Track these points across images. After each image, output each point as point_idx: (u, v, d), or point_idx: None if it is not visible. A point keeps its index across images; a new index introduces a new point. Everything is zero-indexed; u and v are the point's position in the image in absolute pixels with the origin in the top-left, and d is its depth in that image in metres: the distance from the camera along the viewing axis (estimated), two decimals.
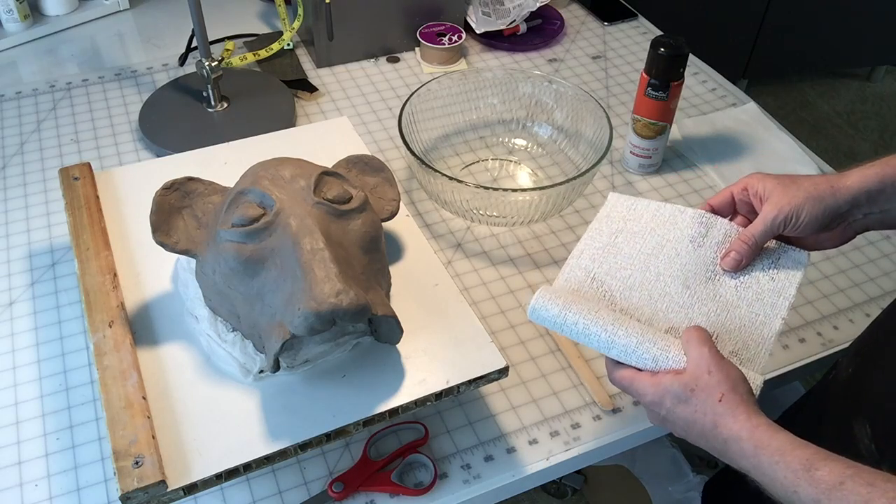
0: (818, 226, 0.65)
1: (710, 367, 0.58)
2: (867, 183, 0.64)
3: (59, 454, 0.69)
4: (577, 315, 0.62)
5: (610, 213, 0.71)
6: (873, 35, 2.36)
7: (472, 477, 0.70)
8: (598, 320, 0.62)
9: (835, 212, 0.64)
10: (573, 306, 0.62)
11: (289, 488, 0.68)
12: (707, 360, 0.58)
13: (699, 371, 0.58)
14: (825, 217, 0.64)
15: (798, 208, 0.64)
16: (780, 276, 0.66)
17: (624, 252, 0.68)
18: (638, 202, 0.71)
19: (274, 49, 1.15)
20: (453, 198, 0.89)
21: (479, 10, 1.24)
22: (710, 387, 0.57)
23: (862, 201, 0.64)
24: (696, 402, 0.57)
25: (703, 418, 0.57)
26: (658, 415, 0.61)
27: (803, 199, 0.64)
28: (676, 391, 0.58)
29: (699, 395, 0.57)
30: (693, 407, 0.58)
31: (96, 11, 1.28)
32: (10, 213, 0.93)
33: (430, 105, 1.00)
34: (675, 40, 0.94)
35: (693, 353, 0.60)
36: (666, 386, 0.59)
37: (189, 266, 0.71)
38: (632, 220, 0.70)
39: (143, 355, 0.66)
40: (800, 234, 0.66)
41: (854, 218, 0.66)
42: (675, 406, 0.59)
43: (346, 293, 0.58)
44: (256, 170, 0.68)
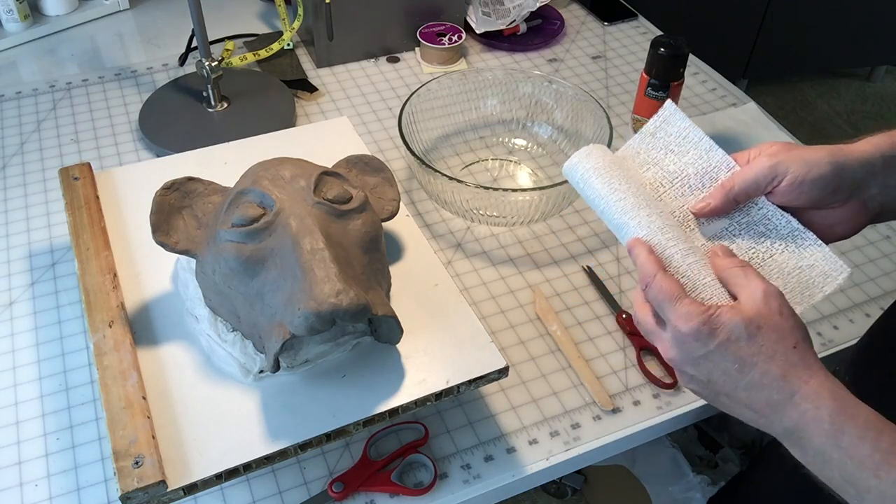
0: (824, 189, 0.55)
1: (781, 309, 0.50)
2: (881, 146, 0.56)
3: (59, 454, 0.69)
4: (619, 172, 0.59)
5: (657, 131, 0.64)
6: (873, 35, 2.36)
7: (472, 477, 0.70)
8: (638, 190, 0.58)
9: (846, 175, 0.55)
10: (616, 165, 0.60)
11: (289, 488, 0.68)
12: (777, 299, 0.50)
13: (768, 309, 0.49)
14: (834, 179, 0.55)
15: (799, 160, 0.55)
16: (802, 283, 0.58)
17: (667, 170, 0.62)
18: (689, 128, 0.63)
19: (274, 49, 1.15)
20: (453, 198, 0.89)
21: (479, 10, 1.24)
22: (784, 329, 0.49)
23: (878, 168, 0.56)
24: (763, 342, 0.49)
25: (766, 363, 0.49)
26: (691, 353, 0.51)
27: (808, 153, 0.56)
28: (736, 324, 0.49)
29: (768, 335, 0.49)
30: (757, 347, 0.49)
31: (96, 11, 1.28)
32: (10, 213, 0.93)
33: (430, 105, 1.00)
34: (675, 40, 0.94)
35: (756, 287, 0.51)
36: (723, 317, 0.49)
37: (189, 266, 0.71)
38: (672, 147, 0.63)
39: (143, 355, 0.66)
40: (802, 201, 0.57)
41: (869, 192, 0.56)
42: (727, 343, 0.49)
43: (346, 293, 0.58)
44: (256, 170, 0.68)
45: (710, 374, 0.51)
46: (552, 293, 0.86)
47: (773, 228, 0.59)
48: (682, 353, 0.52)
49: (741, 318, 0.49)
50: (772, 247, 0.59)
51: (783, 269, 0.58)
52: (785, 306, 0.51)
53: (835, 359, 0.82)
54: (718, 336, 0.50)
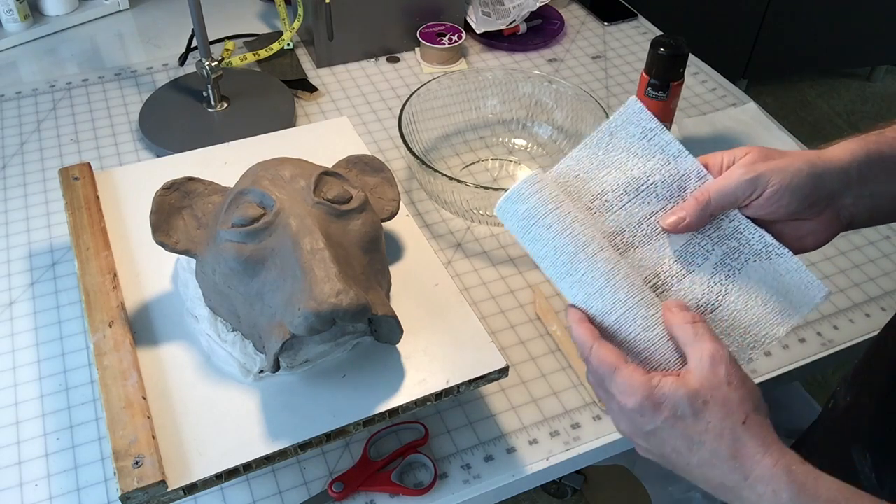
0: (803, 201, 0.53)
1: (729, 377, 0.46)
2: (856, 154, 0.53)
3: (59, 454, 0.69)
4: (558, 214, 0.52)
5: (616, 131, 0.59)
6: (873, 35, 2.36)
7: (472, 477, 0.70)
8: (583, 231, 0.52)
9: (824, 187, 0.53)
10: (556, 202, 0.53)
11: (289, 488, 0.68)
12: (725, 365, 0.47)
13: (716, 378, 0.46)
14: (812, 191, 0.52)
15: (779, 171, 0.52)
16: (780, 304, 0.55)
17: (603, 196, 0.57)
18: (656, 130, 0.58)
19: (274, 49, 1.15)
20: (453, 198, 0.89)
21: (479, 10, 1.24)
22: (731, 403, 0.46)
23: (853, 179, 0.53)
24: (710, 419, 0.46)
25: (715, 442, 0.46)
26: (640, 428, 0.48)
27: (787, 163, 0.52)
28: (680, 399, 0.46)
29: (714, 410, 0.46)
30: (704, 424, 0.46)
31: (96, 11, 1.28)
32: (10, 213, 0.93)
33: (430, 105, 1.00)
34: (675, 40, 0.94)
35: (704, 350, 0.47)
36: (666, 391, 0.46)
37: (189, 266, 0.71)
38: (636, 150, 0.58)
39: (143, 355, 0.66)
40: (779, 215, 0.54)
41: (843, 201, 0.54)
42: (673, 419, 0.46)
43: (346, 293, 0.58)
44: (256, 170, 0.68)
45: (661, 448, 0.48)
46: (552, 293, 0.86)
47: (746, 243, 0.55)
48: (630, 426, 0.49)
49: (685, 392, 0.46)
50: (746, 264, 0.55)
51: (759, 289, 0.55)
52: (734, 373, 0.47)
53: (833, 360, 0.82)
54: (663, 412, 0.47)
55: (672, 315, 0.51)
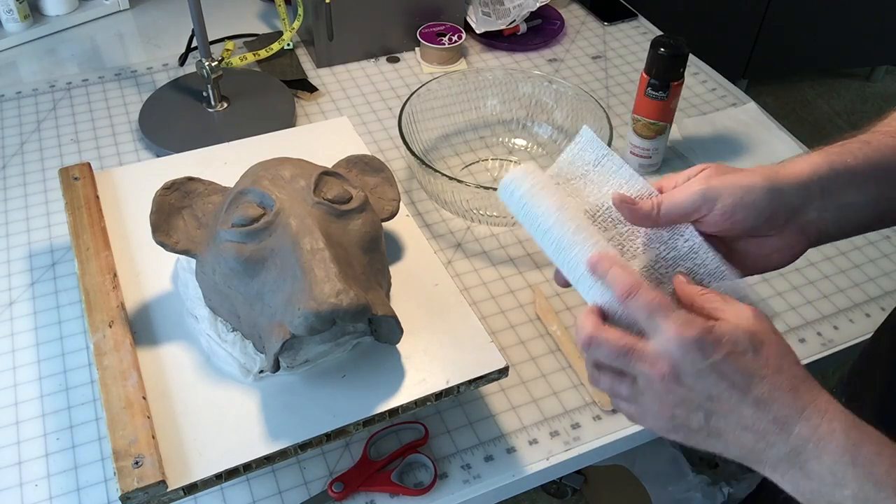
0: (759, 217, 0.52)
1: (773, 328, 0.47)
2: (818, 169, 0.52)
3: (59, 454, 0.69)
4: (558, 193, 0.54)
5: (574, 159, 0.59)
6: (873, 35, 2.36)
7: (472, 477, 0.70)
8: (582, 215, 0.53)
9: (783, 202, 0.52)
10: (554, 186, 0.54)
11: (289, 488, 0.68)
12: (768, 320, 0.47)
13: (763, 325, 0.47)
14: (769, 206, 0.51)
15: (732, 186, 0.51)
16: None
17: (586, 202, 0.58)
18: (607, 156, 0.58)
19: (274, 49, 1.15)
20: (453, 198, 0.89)
21: (479, 10, 1.24)
22: (784, 346, 0.46)
23: (815, 193, 0.52)
24: (769, 355, 0.46)
25: (775, 376, 0.46)
26: (694, 366, 0.46)
27: (741, 178, 0.52)
28: (741, 336, 0.46)
29: (772, 349, 0.46)
30: (763, 360, 0.46)
31: (96, 11, 1.28)
32: (10, 213, 0.93)
33: (430, 105, 1.00)
34: (675, 40, 0.94)
35: (743, 307, 0.48)
36: (725, 327, 0.46)
37: (189, 266, 0.71)
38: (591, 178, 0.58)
39: (143, 355, 0.66)
40: (737, 230, 0.53)
41: (807, 217, 0.53)
42: (733, 354, 0.46)
43: (346, 293, 0.58)
44: (256, 170, 0.68)
45: (713, 389, 0.46)
46: (552, 293, 0.86)
47: (702, 263, 0.54)
48: (681, 365, 0.46)
49: (744, 330, 0.46)
50: (701, 284, 0.54)
51: None
52: (773, 327, 0.48)
53: (833, 360, 0.82)
54: (724, 346, 0.46)
55: (690, 288, 0.50)
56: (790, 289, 0.88)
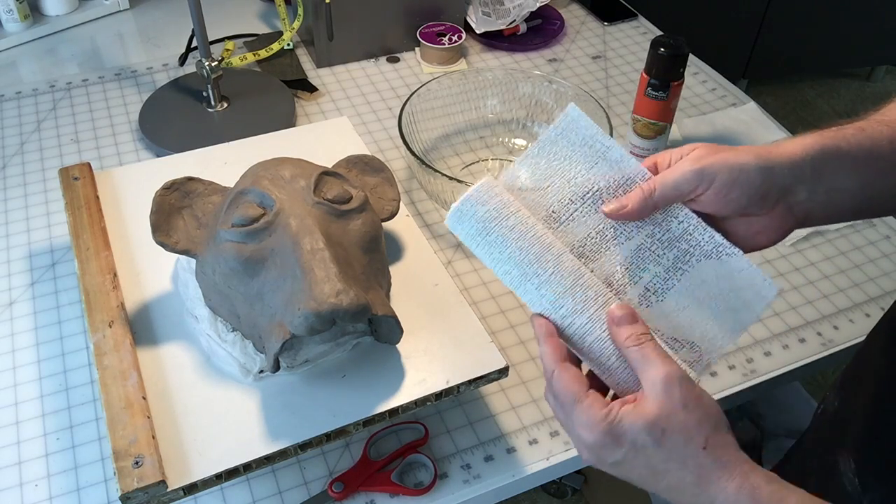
0: (753, 196, 0.51)
1: (684, 400, 0.46)
2: (809, 149, 0.52)
3: (59, 454, 0.69)
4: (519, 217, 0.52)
5: (558, 139, 0.57)
6: (873, 35, 2.36)
7: (472, 477, 0.70)
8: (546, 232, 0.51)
9: (775, 181, 0.51)
10: (514, 206, 0.52)
11: (289, 488, 0.68)
12: (679, 387, 0.46)
13: (671, 403, 0.46)
14: (762, 185, 0.51)
15: (726, 164, 0.50)
16: (732, 306, 0.54)
17: (549, 208, 0.56)
18: (597, 136, 0.56)
19: (274, 49, 1.15)
20: (453, 198, 0.89)
21: (479, 10, 1.24)
22: (689, 429, 0.45)
23: (806, 174, 0.51)
24: (671, 446, 0.46)
25: (679, 471, 0.46)
26: (603, 459, 0.48)
27: (735, 156, 0.51)
28: (640, 430, 0.46)
29: (674, 438, 0.45)
30: (665, 453, 0.46)
31: (96, 11, 1.28)
32: (10, 213, 0.93)
33: (430, 105, 1.00)
34: (675, 40, 0.94)
35: (655, 374, 0.46)
36: (625, 424, 0.46)
37: (189, 266, 0.71)
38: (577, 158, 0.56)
39: (143, 355, 0.66)
40: (729, 210, 0.52)
41: (796, 197, 0.52)
42: (635, 451, 0.46)
43: (346, 293, 0.58)
44: (256, 170, 0.68)
45: (629, 476, 0.48)
46: None
47: (696, 244, 0.54)
48: (594, 458, 0.49)
49: (643, 423, 0.46)
50: (697, 266, 0.54)
51: (711, 291, 0.54)
52: (688, 394, 0.46)
53: (833, 360, 0.82)
54: (624, 444, 0.47)
55: (619, 333, 0.49)
56: (790, 289, 0.88)
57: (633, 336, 0.49)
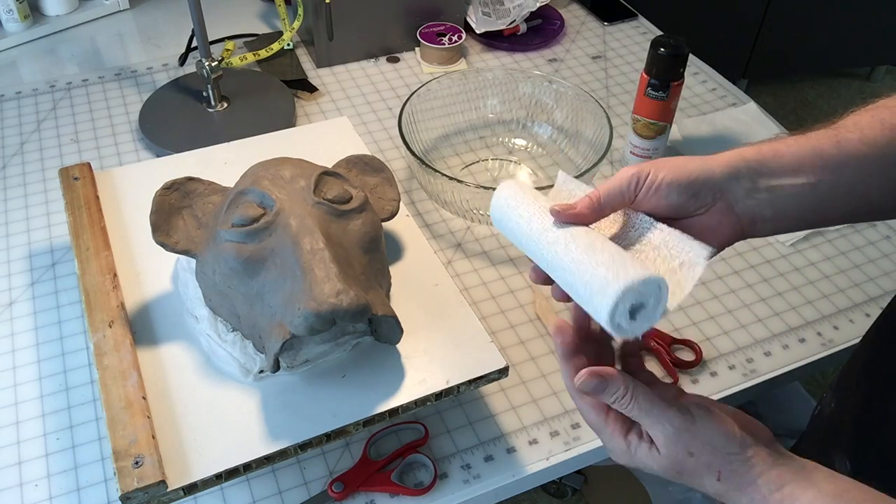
0: (683, 192, 0.52)
1: (689, 449, 0.49)
2: (744, 153, 0.54)
3: (59, 454, 0.69)
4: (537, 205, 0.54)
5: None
6: (873, 35, 2.36)
7: (472, 477, 0.70)
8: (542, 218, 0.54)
9: (704, 177, 0.52)
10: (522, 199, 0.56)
11: (289, 488, 0.68)
12: (680, 443, 0.50)
13: (678, 456, 0.50)
14: (691, 182, 0.52)
15: (657, 166, 0.53)
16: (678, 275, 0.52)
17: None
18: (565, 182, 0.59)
19: (274, 49, 1.15)
20: (453, 198, 0.89)
21: (479, 10, 1.24)
22: (701, 468, 0.49)
23: (742, 171, 0.53)
24: (689, 480, 0.51)
25: (701, 489, 0.51)
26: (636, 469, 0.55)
27: (669, 160, 0.53)
28: (657, 471, 0.51)
29: (690, 476, 0.50)
30: (687, 482, 0.51)
31: (96, 11, 1.28)
32: (10, 213, 0.93)
33: (430, 105, 1.00)
34: (675, 40, 0.94)
35: (656, 433, 0.50)
36: (644, 462, 0.52)
37: (189, 266, 0.71)
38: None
39: (143, 355, 0.66)
40: (664, 207, 0.53)
41: (735, 195, 0.53)
42: (659, 473, 0.52)
43: (346, 293, 0.58)
44: (256, 170, 0.68)
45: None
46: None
47: (644, 235, 0.54)
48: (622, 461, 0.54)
49: (658, 467, 0.51)
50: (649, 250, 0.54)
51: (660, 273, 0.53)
52: (693, 442, 0.49)
53: (833, 360, 0.82)
54: (646, 470, 0.52)
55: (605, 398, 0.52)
56: (790, 289, 0.88)
57: (621, 400, 0.51)
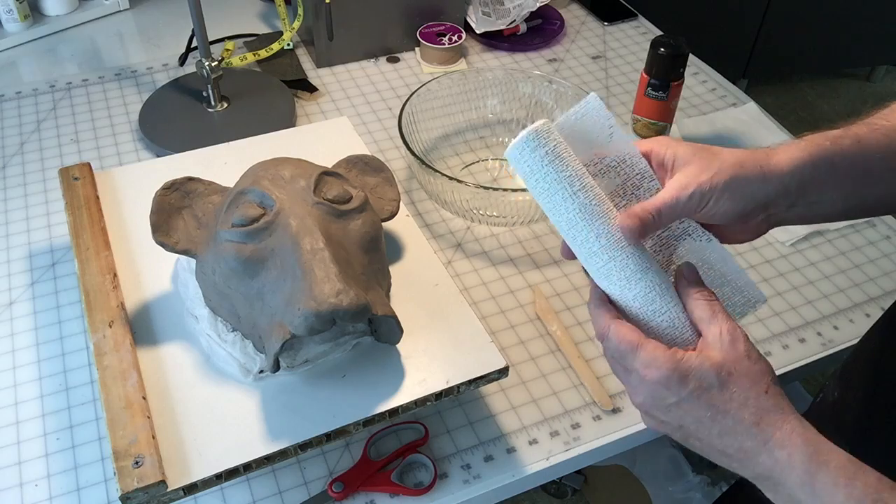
0: (738, 215, 0.53)
1: (748, 353, 0.48)
2: (798, 166, 0.53)
3: (59, 454, 0.69)
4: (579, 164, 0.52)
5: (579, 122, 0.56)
6: (873, 35, 2.36)
7: (472, 477, 0.70)
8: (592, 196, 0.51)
9: (760, 200, 0.53)
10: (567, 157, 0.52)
11: (289, 488, 0.68)
12: (744, 342, 0.49)
13: (736, 353, 0.48)
14: (748, 205, 0.53)
15: (719, 188, 0.52)
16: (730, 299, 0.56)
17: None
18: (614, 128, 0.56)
19: (274, 49, 1.15)
20: (453, 198, 0.89)
21: (479, 10, 1.24)
22: (754, 374, 0.48)
23: (791, 190, 0.53)
24: (735, 388, 0.47)
25: (739, 411, 0.48)
26: (662, 401, 0.49)
27: (727, 179, 0.52)
28: (707, 371, 0.48)
29: (739, 381, 0.48)
30: (729, 394, 0.48)
31: (96, 11, 1.28)
32: (10, 213, 0.93)
33: (430, 105, 1.00)
34: (675, 40, 0.94)
35: (723, 328, 0.49)
36: (692, 363, 0.48)
37: (189, 266, 0.71)
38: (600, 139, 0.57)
39: (143, 355, 0.66)
40: (714, 222, 0.54)
41: (776, 210, 0.54)
42: (699, 390, 0.48)
43: (346, 293, 0.58)
44: (256, 170, 0.68)
45: (682, 420, 0.49)
46: (552, 293, 0.86)
47: (698, 247, 0.56)
48: (651, 400, 0.50)
49: (711, 364, 0.48)
50: (697, 264, 0.55)
51: (716, 271, 0.56)
52: (752, 349, 0.49)
53: (833, 360, 0.82)
54: (689, 384, 0.48)
55: (687, 286, 0.51)
56: (790, 289, 0.88)
57: (705, 292, 0.51)
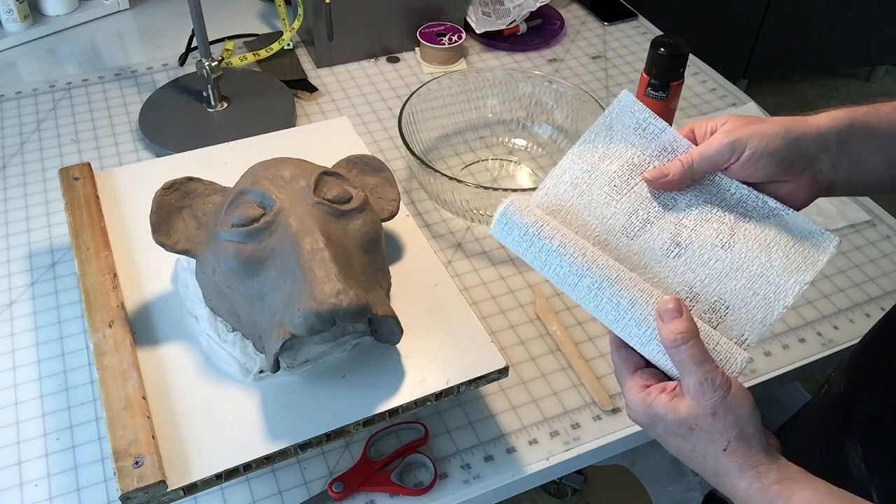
0: (780, 164, 0.55)
1: (714, 408, 0.49)
2: (836, 123, 0.56)
3: (59, 454, 0.69)
4: (555, 231, 0.54)
5: (613, 124, 0.61)
6: (873, 35, 2.36)
7: (472, 477, 0.70)
8: (579, 247, 0.54)
9: (800, 151, 0.55)
10: (551, 221, 0.55)
11: (289, 488, 0.68)
12: (711, 395, 0.50)
13: (702, 409, 0.50)
14: (789, 155, 0.55)
15: (756, 135, 0.55)
16: (798, 256, 0.57)
17: (611, 182, 0.59)
18: (650, 119, 0.60)
19: (274, 49, 1.15)
20: (453, 198, 0.89)
21: (479, 10, 1.24)
22: (714, 433, 0.50)
23: (831, 144, 0.56)
24: (696, 442, 0.51)
25: (702, 461, 0.51)
26: (647, 430, 0.54)
27: (764, 128, 0.55)
28: (670, 424, 0.51)
29: (700, 437, 0.50)
30: (691, 445, 0.51)
31: (96, 11, 1.28)
32: (10, 213, 0.93)
33: (430, 105, 1.00)
34: (675, 40, 0.94)
35: (691, 379, 0.50)
36: (658, 412, 0.51)
37: (189, 266, 0.71)
38: (633, 141, 0.60)
39: (143, 355, 0.66)
40: (758, 177, 0.57)
41: (820, 165, 0.56)
42: (667, 435, 0.52)
43: (346, 293, 0.58)
44: (256, 170, 0.68)
45: (667, 448, 0.54)
46: (552, 293, 0.86)
47: (753, 209, 0.58)
48: (642, 426, 0.55)
49: (674, 418, 0.51)
50: (757, 227, 0.58)
51: (774, 247, 0.57)
52: (721, 402, 0.50)
53: (833, 360, 0.82)
54: (657, 427, 0.52)
55: (663, 329, 0.51)
56: None
57: (677, 336, 0.51)
